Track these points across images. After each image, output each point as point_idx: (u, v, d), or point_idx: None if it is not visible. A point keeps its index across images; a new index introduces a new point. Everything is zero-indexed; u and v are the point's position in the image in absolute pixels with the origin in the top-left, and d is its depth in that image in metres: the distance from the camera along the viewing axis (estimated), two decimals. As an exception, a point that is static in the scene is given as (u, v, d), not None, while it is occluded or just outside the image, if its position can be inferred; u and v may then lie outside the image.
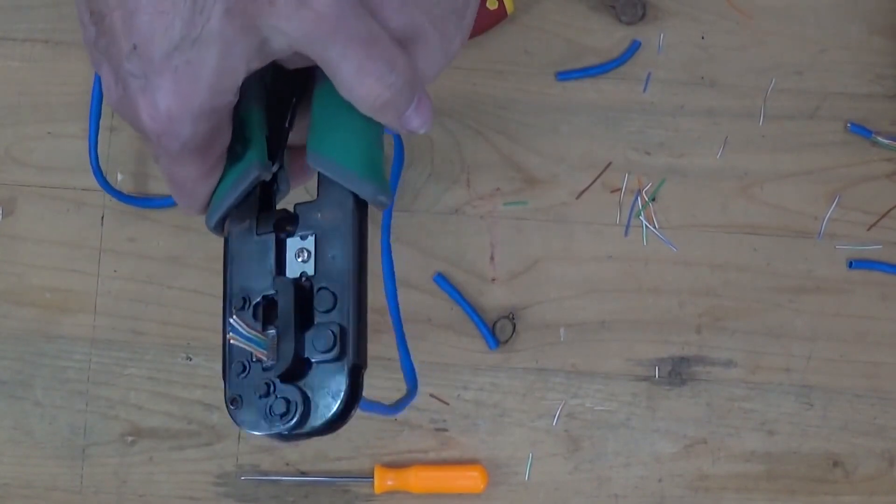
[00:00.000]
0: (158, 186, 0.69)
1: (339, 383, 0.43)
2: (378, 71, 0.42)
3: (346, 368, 0.43)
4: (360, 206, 0.45)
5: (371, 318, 0.68)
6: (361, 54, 0.42)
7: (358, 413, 0.47)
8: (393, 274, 0.56)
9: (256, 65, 0.42)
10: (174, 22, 0.39)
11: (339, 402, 0.43)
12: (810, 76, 0.70)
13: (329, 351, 0.43)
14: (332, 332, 0.43)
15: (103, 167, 0.68)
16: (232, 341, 0.43)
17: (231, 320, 0.43)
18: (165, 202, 0.68)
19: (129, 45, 0.40)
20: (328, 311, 0.44)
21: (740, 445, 0.68)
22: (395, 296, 0.56)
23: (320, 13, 0.40)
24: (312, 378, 0.44)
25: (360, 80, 0.42)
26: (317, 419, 0.43)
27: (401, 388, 0.68)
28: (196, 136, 0.42)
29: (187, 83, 0.40)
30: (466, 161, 0.69)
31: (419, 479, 0.66)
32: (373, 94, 0.43)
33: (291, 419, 0.43)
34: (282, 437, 0.44)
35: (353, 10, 0.41)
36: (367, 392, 0.68)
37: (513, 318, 0.68)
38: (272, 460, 0.68)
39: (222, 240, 0.48)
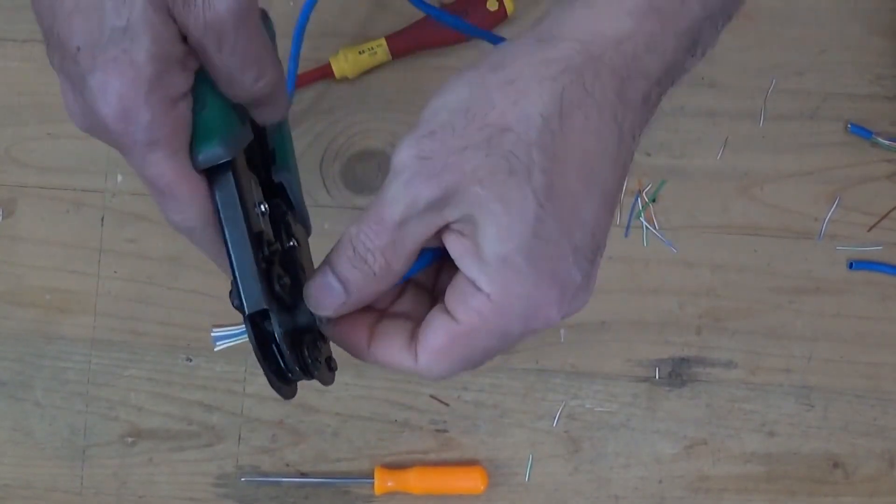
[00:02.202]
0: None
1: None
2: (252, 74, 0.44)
3: (245, 319, 0.44)
4: (217, 171, 0.44)
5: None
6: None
7: (358, 414, 0.47)
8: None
9: (183, 47, 0.42)
10: (104, 17, 0.41)
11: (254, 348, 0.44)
12: (810, 76, 0.70)
13: (240, 308, 0.44)
14: (233, 289, 0.44)
15: (103, 168, 0.68)
16: (221, 348, 0.45)
17: (213, 334, 0.45)
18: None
19: (73, 49, 0.42)
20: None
21: (740, 446, 0.68)
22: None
23: (219, 14, 0.41)
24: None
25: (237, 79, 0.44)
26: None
27: (402, 388, 0.68)
28: (156, 122, 0.42)
29: (130, 69, 0.41)
30: (466, 161, 0.69)
31: (419, 480, 0.66)
32: (245, 93, 0.44)
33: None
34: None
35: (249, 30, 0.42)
36: (368, 391, 0.68)
37: (513, 319, 0.68)
38: (272, 461, 0.68)
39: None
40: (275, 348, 0.43)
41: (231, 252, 0.43)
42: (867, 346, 0.69)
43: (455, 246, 0.41)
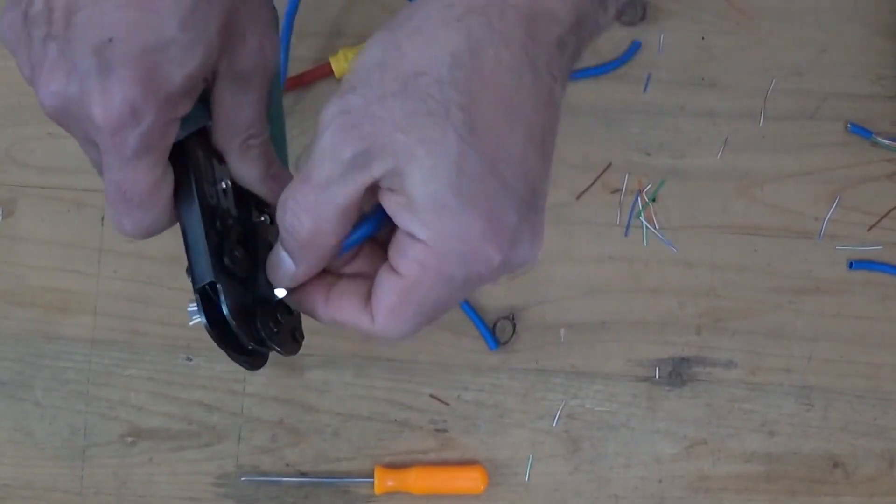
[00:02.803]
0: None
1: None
2: (255, 130, 0.47)
3: (195, 292, 0.45)
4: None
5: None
6: (258, 109, 0.47)
7: (358, 414, 0.47)
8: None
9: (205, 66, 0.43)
10: (165, 22, 0.41)
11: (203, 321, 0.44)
12: (810, 76, 0.70)
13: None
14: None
15: (103, 167, 0.68)
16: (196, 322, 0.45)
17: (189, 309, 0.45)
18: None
19: (99, 39, 0.41)
20: None
21: (740, 446, 0.68)
22: None
23: (267, 61, 0.46)
24: None
25: (242, 125, 0.47)
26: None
27: (402, 388, 0.68)
28: (157, 132, 0.42)
29: (163, 83, 0.41)
30: (466, 161, 0.69)
31: (419, 480, 0.66)
32: (242, 140, 0.47)
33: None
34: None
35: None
36: (368, 391, 0.68)
37: (513, 319, 0.68)
38: (272, 461, 0.68)
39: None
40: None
41: (183, 227, 0.44)
42: (867, 346, 0.69)
43: (389, 203, 0.41)
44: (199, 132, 0.45)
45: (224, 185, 0.46)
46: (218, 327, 0.44)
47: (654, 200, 0.69)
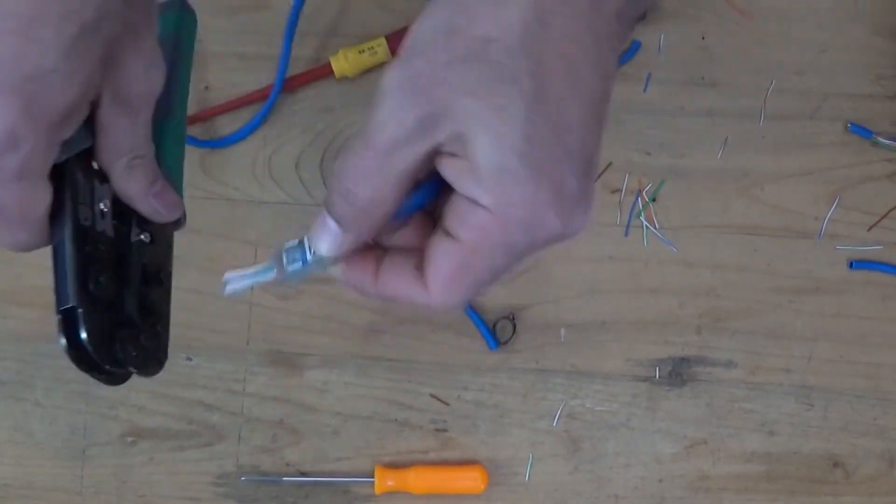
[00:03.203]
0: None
1: None
2: (139, 151, 0.48)
3: (56, 315, 0.45)
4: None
5: (368, 316, 0.68)
6: (140, 132, 0.48)
7: (358, 414, 0.47)
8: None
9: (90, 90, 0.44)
10: (35, 51, 0.42)
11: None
12: (811, 76, 0.70)
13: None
14: None
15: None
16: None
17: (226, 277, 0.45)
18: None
19: None
20: None
21: (740, 446, 0.68)
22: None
23: (152, 88, 0.47)
24: None
25: (125, 147, 0.47)
26: None
27: (402, 388, 0.68)
28: (38, 158, 0.43)
29: (43, 109, 0.42)
30: (466, 161, 0.69)
31: (419, 480, 0.66)
32: (126, 161, 0.47)
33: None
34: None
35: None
36: (368, 391, 0.68)
37: (513, 319, 0.68)
38: (272, 461, 0.68)
39: (222, 240, 0.47)
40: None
41: (54, 247, 0.45)
42: (867, 346, 0.69)
43: (449, 169, 0.40)
44: (81, 153, 0.46)
45: (103, 206, 0.47)
46: (77, 349, 0.45)
47: (654, 200, 0.69)
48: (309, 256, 0.43)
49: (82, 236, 0.45)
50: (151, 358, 0.47)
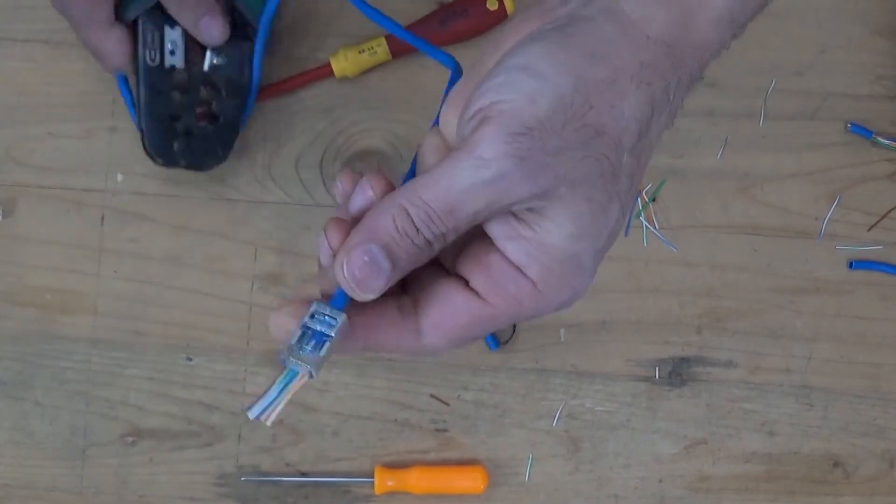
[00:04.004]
0: (159, 186, 0.69)
1: None
2: None
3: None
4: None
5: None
6: None
7: (358, 414, 0.47)
8: None
9: None
10: None
11: None
12: (810, 76, 0.70)
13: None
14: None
15: (104, 168, 0.68)
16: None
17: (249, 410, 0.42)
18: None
19: None
20: None
21: (740, 446, 0.68)
22: None
23: None
24: None
25: None
26: None
27: (402, 388, 0.68)
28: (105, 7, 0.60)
29: None
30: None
31: (419, 480, 0.66)
32: None
33: None
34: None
35: None
36: (368, 391, 0.69)
37: (513, 319, 0.68)
38: (272, 461, 0.68)
39: (222, 240, 0.47)
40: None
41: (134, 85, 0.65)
42: (867, 346, 0.69)
43: (503, 229, 0.39)
44: (150, 9, 0.62)
45: (170, 45, 0.63)
46: (149, 155, 0.65)
47: (654, 200, 0.69)
48: (334, 322, 0.39)
49: (148, 74, 0.63)
50: (211, 154, 0.65)
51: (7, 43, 0.69)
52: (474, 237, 0.40)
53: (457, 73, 0.47)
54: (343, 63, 0.68)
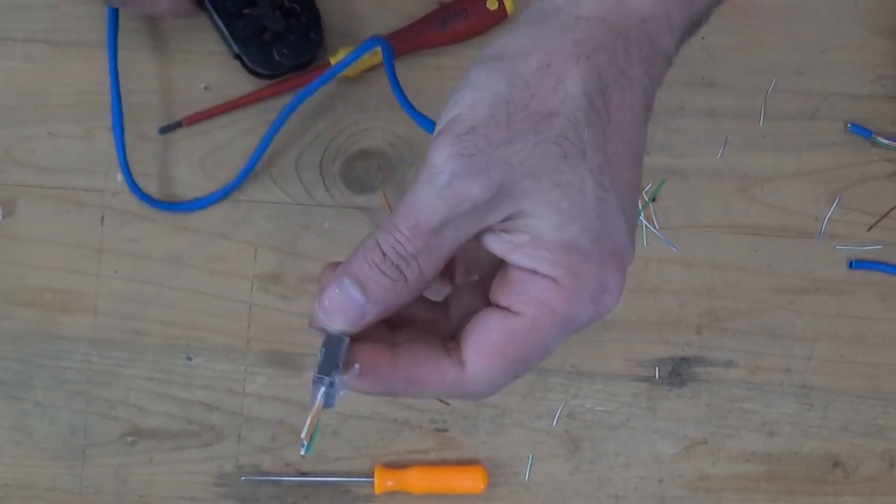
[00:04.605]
0: (155, 186, 0.69)
1: None
2: None
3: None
4: None
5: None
6: None
7: (358, 414, 0.47)
8: None
9: None
10: None
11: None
12: (810, 76, 0.70)
13: None
14: None
15: (104, 168, 0.68)
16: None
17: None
18: (194, 205, 0.68)
19: None
20: None
21: (740, 446, 0.68)
22: None
23: None
24: None
25: None
26: None
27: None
28: None
29: None
30: (466, 161, 0.69)
31: (419, 480, 0.66)
32: None
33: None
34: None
35: None
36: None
37: (513, 319, 0.68)
38: (272, 461, 0.68)
39: (222, 240, 0.47)
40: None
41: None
42: (867, 346, 0.69)
43: (501, 245, 0.39)
44: None
45: None
46: (245, 68, 0.68)
47: (654, 200, 0.69)
48: (336, 381, 0.39)
49: (216, 3, 0.66)
50: (308, 45, 0.67)
51: (7, 43, 0.69)
52: (499, 267, 0.40)
53: None
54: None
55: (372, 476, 0.67)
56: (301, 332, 0.68)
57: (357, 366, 0.39)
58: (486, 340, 0.39)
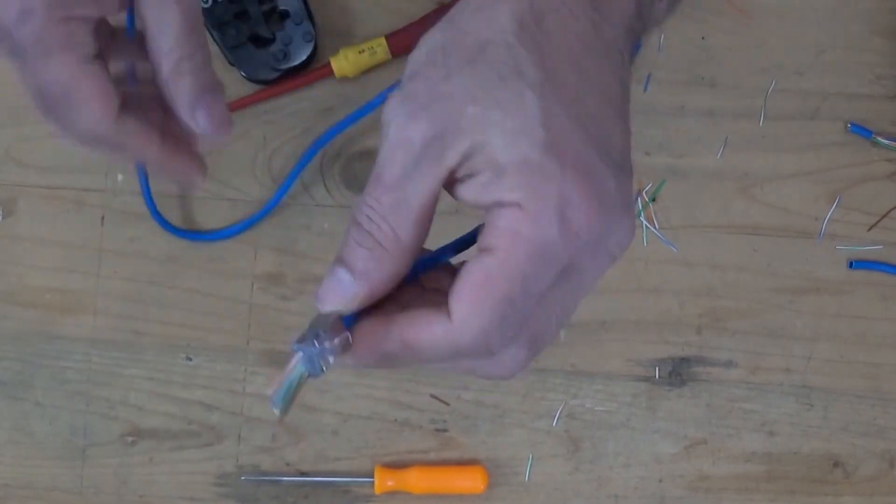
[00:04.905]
0: (155, 186, 0.69)
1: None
2: (186, 48, 0.46)
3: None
4: None
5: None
6: (182, 28, 0.45)
7: (358, 414, 0.47)
8: None
9: None
10: None
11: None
12: (810, 76, 0.70)
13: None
14: None
15: (104, 168, 0.68)
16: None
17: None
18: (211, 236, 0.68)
19: None
20: None
21: (740, 446, 0.68)
22: None
23: None
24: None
25: (170, 44, 0.45)
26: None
27: (402, 388, 0.68)
28: (48, 27, 0.43)
29: None
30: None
31: (419, 480, 0.66)
32: (174, 61, 0.45)
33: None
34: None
35: None
36: (368, 390, 0.68)
37: (513, 319, 0.68)
38: (272, 461, 0.68)
39: (222, 241, 0.47)
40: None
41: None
42: (867, 346, 0.69)
43: (469, 190, 0.38)
44: None
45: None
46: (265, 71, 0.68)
47: (654, 200, 0.69)
48: (319, 345, 0.38)
49: (207, 17, 0.65)
50: (299, 53, 0.67)
51: (7, 43, 0.69)
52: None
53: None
54: (343, 63, 0.68)
55: (372, 476, 0.67)
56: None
57: (347, 334, 0.39)
58: (466, 285, 0.38)
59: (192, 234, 0.68)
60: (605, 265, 0.40)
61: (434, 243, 0.42)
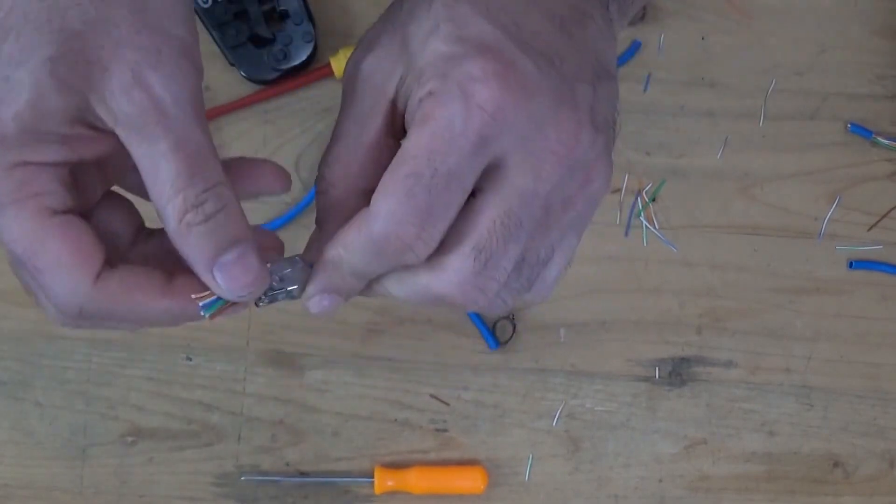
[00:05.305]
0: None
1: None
2: (190, 195, 0.36)
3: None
4: None
5: (368, 316, 0.68)
6: (180, 166, 0.35)
7: (358, 414, 0.47)
8: None
9: (81, 128, 0.36)
10: None
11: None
12: (810, 76, 0.70)
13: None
14: None
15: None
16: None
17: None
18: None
19: None
20: None
21: (740, 446, 0.68)
22: None
23: (154, 99, 0.35)
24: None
25: (168, 192, 0.35)
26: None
27: (402, 388, 0.68)
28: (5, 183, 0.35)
29: None
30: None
31: (419, 480, 0.66)
32: (178, 214, 0.36)
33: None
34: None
35: (193, 109, 0.36)
36: (368, 390, 0.68)
37: (513, 319, 0.68)
38: (272, 461, 0.68)
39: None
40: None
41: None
42: (867, 346, 0.69)
43: (408, 113, 0.39)
44: None
45: None
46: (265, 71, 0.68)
47: (654, 200, 0.69)
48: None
49: (207, 16, 0.66)
50: (299, 53, 0.67)
51: (7, 43, 0.69)
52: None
53: None
54: (343, 63, 0.68)
55: (372, 476, 0.67)
56: (301, 332, 0.68)
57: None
58: (384, 176, 0.36)
59: None
60: (548, 165, 0.37)
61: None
